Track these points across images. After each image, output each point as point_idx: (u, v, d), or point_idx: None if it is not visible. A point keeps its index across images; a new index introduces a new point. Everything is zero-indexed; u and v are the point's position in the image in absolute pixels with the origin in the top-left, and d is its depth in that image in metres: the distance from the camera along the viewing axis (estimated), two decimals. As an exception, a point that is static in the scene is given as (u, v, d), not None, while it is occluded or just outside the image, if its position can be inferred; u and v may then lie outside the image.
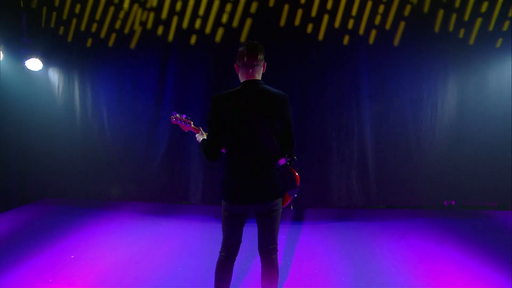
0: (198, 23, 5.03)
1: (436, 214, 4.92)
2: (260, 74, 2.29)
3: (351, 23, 4.86)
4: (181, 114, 2.78)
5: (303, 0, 4.85)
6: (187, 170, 5.19)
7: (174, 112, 2.79)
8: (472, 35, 4.79)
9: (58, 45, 5.36)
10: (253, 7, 4.91)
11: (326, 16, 4.86)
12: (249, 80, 2.24)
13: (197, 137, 2.66)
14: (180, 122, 2.77)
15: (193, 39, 5.07)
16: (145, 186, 5.35)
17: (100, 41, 5.28)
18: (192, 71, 5.11)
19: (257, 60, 2.21)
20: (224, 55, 4.97)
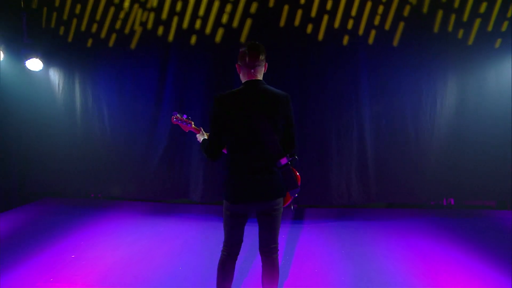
0: (198, 23, 5.04)
1: (436, 214, 4.93)
2: (262, 74, 2.30)
3: (350, 23, 4.88)
4: (181, 114, 2.77)
5: (303, 1, 4.86)
6: (187, 168, 5.20)
7: (175, 112, 2.77)
8: (471, 36, 4.81)
9: (59, 45, 5.37)
10: (253, 8, 4.92)
11: (326, 17, 4.88)
12: (251, 80, 2.26)
13: (198, 137, 2.66)
14: (181, 122, 2.76)
15: (193, 39, 5.08)
16: (145, 185, 5.35)
17: (100, 41, 5.30)
18: (192, 71, 5.12)
19: (258, 61, 2.23)
20: (224, 55, 4.99)
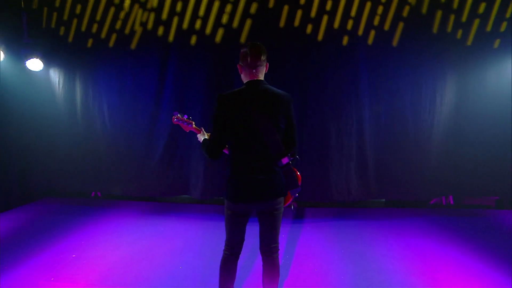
0: (198, 23, 5.05)
1: (435, 213, 4.95)
2: (263, 74, 2.32)
3: (350, 23, 4.89)
4: (182, 115, 2.77)
5: (302, 1, 4.87)
6: (187, 165, 5.22)
7: (176, 112, 2.77)
8: (470, 36, 4.82)
9: (59, 45, 5.37)
10: (253, 8, 4.93)
11: (326, 17, 4.89)
12: (253, 80, 2.27)
13: (199, 137, 2.66)
14: (182, 122, 2.76)
15: (193, 39, 5.09)
16: (145, 183, 5.36)
17: (100, 41, 5.30)
18: (192, 71, 5.13)
19: (260, 61, 2.25)
20: (224, 55, 5.00)
